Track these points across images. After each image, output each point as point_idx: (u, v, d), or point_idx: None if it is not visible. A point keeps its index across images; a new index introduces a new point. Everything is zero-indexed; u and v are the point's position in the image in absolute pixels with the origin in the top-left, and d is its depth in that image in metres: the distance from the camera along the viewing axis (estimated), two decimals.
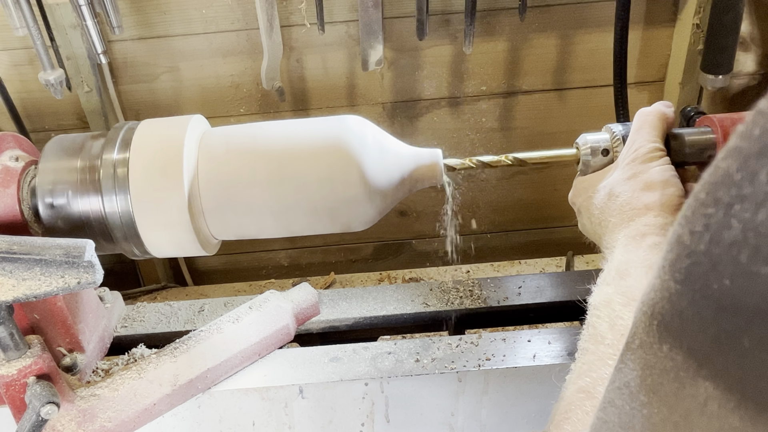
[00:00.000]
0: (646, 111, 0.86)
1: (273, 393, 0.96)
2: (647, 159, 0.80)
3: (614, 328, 0.66)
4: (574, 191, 0.90)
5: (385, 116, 1.52)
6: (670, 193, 0.77)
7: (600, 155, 0.88)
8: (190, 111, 1.28)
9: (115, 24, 1.27)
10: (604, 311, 0.68)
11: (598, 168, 0.88)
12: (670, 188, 0.77)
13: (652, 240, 0.73)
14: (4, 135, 0.88)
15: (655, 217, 0.75)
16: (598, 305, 0.70)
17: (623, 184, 0.80)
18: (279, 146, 0.87)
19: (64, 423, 0.84)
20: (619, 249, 0.74)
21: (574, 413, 0.61)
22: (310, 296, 1.05)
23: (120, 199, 0.85)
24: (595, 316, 0.69)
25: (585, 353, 0.67)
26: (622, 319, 0.66)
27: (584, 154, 0.88)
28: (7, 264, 0.72)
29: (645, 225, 0.74)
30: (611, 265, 0.73)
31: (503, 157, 0.91)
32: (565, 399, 0.64)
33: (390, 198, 0.88)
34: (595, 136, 0.89)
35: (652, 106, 0.86)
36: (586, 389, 0.62)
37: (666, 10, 1.42)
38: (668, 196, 0.77)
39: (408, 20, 1.40)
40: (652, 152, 0.80)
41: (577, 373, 0.66)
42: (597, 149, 0.88)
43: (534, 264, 1.58)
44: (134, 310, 1.10)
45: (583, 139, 0.89)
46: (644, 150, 0.81)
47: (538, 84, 1.50)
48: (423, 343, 1.00)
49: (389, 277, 1.60)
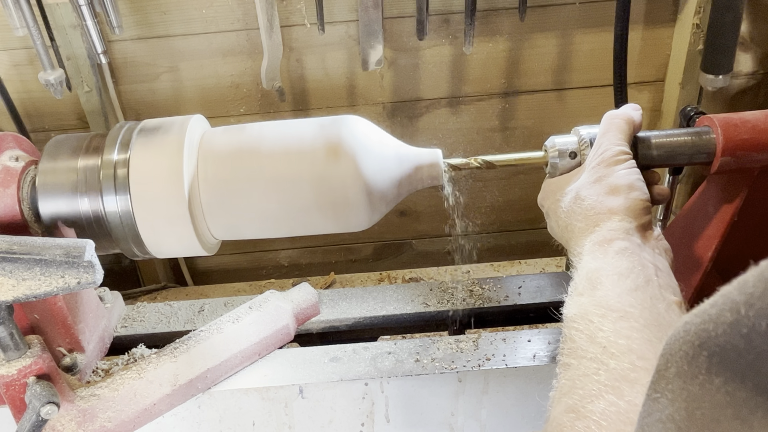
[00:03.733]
0: (612, 114, 0.85)
1: (273, 393, 0.96)
2: (613, 162, 0.80)
3: (594, 342, 0.65)
4: (542, 193, 0.90)
5: (385, 116, 1.52)
6: (634, 197, 0.77)
7: (567, 158, 0.88)
8: (190, 111, 1.28)
9: (115, 24, 1.27)
10: (582, 324, 0.68)
11: (566, 171, 0.88)
12: (635, 192, 0.77)
13: (618, 245, 0.72)
14: (4, 135, 0.88)
15: (620, 221, 0.75)
16: (575, 318, 0.69)
17: (589, 188, 0.80)
18: (279, 146, 0.87)
19: (64, 423, 0.84)
20: (586, 256, 0.74)
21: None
22: (310, 296, 1.05)
23: (120, 199, 0.85)
24: (573, 329, 0.68)
25: (567, 368, 0.66)
26: (601, 331, 0.66)
27: (552, 157, 0.88)
28: (7, 264, 0.72)
29: (610, 230, 0.74)
30: (581, 273, 0.73)
31: (472, 159, 0.91)
32: (554, 420, 0.63)
33: (390, 198, 0.88)
34: (563, 138, 0.89)
35: (620, 109, 0.86)
36: (574, 408, 0.61)
37: (666, 10, 1.42)
38: (632, 200, 0.77)
39: (408, 20, 1.40)
40: (618, 155, 0.80)
41: (562, 390, 0.65)
42: (564, 152, 0.88)
43: (534, 264, 1.58)
44: (134, 310, 1.11)
45: (551, 142, 0.89)
46: (610, 153, 0.81)
47: (538, 84, 1.50)
48: (423, 343, 1.00)
49: (389, 277, 1.60)
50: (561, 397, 0.64)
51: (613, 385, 0.61)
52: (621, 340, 0.64)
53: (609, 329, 0.66)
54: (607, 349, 0.64)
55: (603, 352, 0.64)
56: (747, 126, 0.87)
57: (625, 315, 0.66)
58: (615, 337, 0.65)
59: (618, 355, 0.63)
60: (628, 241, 0.73)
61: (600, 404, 0.60)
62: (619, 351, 0.64)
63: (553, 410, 0.65)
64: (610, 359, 0.63)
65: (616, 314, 0.67)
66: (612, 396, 0.60)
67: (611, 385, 0.61)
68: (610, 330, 0.66)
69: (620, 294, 0.68)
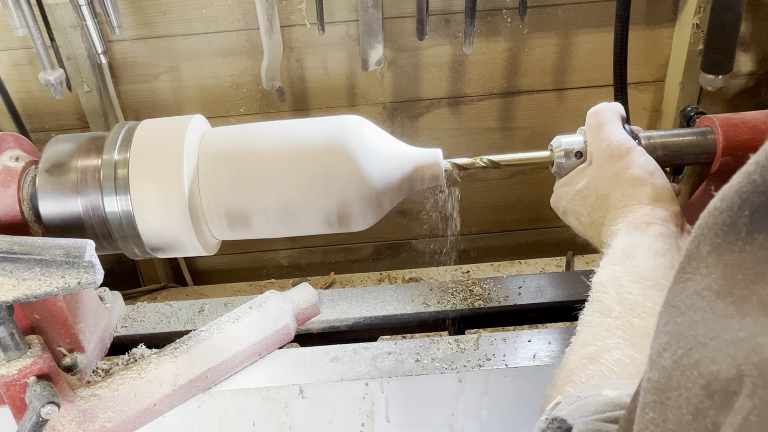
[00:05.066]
0: (598, 109, 0.86)
1: (273, 393, 0.96)
2: (623, 152, 0.80)
3: (622, 302, 0.66)
4: (555, 196, 0.90)
5: (385, 116, 1.52)
6: (659, 185, 0.77)
7: (573, 158, 0.88)
8: (190, 111, 1.28)
9: (115, 24, 1.27)
10: (611, 287, 0.69)
11: (572, 170, 0.88)
12: (658, 180, 0.78)
13: (656, 229, 0.73)
14: (4, 135, 0.88)
15: (653, 209, 0.75)
16: (605, 282, 0.70)
17: (608, 184, 0.80)
18: (279, 146, 0.87)
19: (65, 423, 0.84)
20: (622, 235, 0.74)
21: (577, 376, 0.61)
22: (310, 296, 1.05)
23: (120, 199, 0.85)
24: (601, 291, 0.69)
25: (588, 326, 0.67)
26: (630, 294, 0.66)
27: (558, 156, 0.88)
28: (8, 264, 0.72)
29: (645, 215, 0.75)
30: (615, 248, 0.73)
31: (478, 159, 0.91)
32: (567, 366, 0.64)
33: (390, 198, 0.88)
34: (569, 138, 0.89)
35: (600, 104, 0.87)
36: (590, 356, 0.62)
37: (666, 10, 1.42)
38: (659, 189, 0.77)
39: (408, 20, 1.40)
40: (624, 144, 0.80)
41: (580, 343, 0.65)
42: (570, 152, 0.88)
43: (534, 264, 1.58)
44: (134, 310, 1.11)
45: (557, 142, 0.89)
46: (615, 144, 0.81)
47: (538, 84, 1.50)
48: (423, 343, 1.00)
49: (389, 277, 1.60)
50: (578, 349, 0.65)
51: (633, 340, 0.62)
52: (649, 303, 0.65)
53: (638, 293, 0.66)
54: (634, 310, 0.65)
55: (629, 312, 0.65)
56: (747, 126, 0.87)
57: (656, 285, 0.67)
58: (643, 300, 0.65)
59: (644, 316, 0.64)
60: (665, 227, 0.73)
61: (616, 354, 0.61)
62: (646, 313, 0.64)
63: (567, 358, 0.66)
64: (634, 318, 0.64)
65: (647, 282, 0.67)
66: (630, 350, 0.61)
67: (631, 341, 0.62)
68: (639, 294, 0.66)
69: (654, 268, 0.69)
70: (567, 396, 0.57)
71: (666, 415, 0.31)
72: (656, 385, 0.32)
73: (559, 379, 0.63)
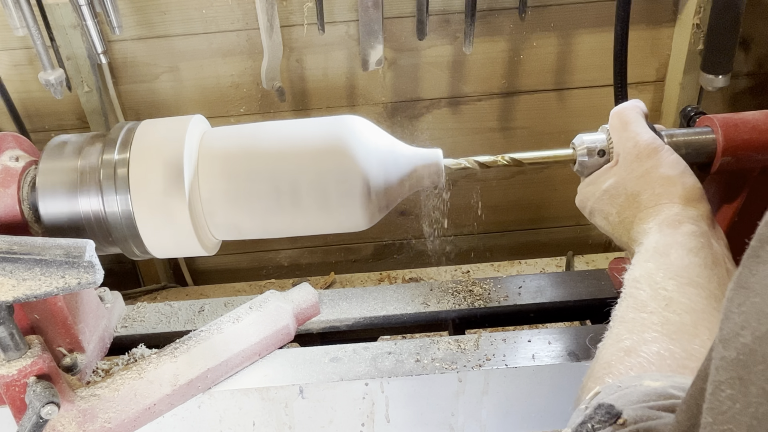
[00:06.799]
0: (622, 108, 0.86)
1: (273, 393, 0.96)
2: (652, 151, 0.80)
3: (657, 298, 0.66)
4: (580, 196, 0.89)
5: (385, 116, 1.52)
6: (690, 184, 0.77)
7: (596, 156, 0.88)
8: (190, 111, 1.28)
9: (115, 24, 1.27)
10: (645, 283, 0.68)
11: (595, 169, 0.88)
12: (688, 179, 0.77)
13: (689, 228, 0.72)
14: (4, 135, 0.88)
15: (684, 209, 0.75)
16: (639, 278, 0.70)
17: (637, 183, 0.80)
18: (279, 146, 0.87)
19: (65, 423, 0.84)
20: (654, 233, 0.74)
21: (615, 368, 0.61)
22: (310, 296, 1.05)
23: (120, 199, 0.85)
24: (635, 287, 0.69)
25: (623, 321, 0.67)
26: (665, 290, 0.66)
27: (580, 154, 0.88)
28: (7, 264, 0.72)
29: (677, 214, 0.75)
30: (647, 246, 0.73)
31: (500, 157, 0.91)
32: (603, 358, 0.64)
33: (390, 198, 0.88)
34: (591, 136, 0.89)
35: (623, 104, 0.87)
36: (627, 349, 0.62)
37: (666, 10, 1.42)
38: (690, 189, 0.77)
39: (408, 20, 1.40)
40: (652, 143, 0.80)
41: (615, 337, 0.65)
42: (593, 150, 0.88)
43: (534, 264, 1.58)
44: (134, 310, 1.11)
45: (580, 140, 0.89)
46: (643, 143, 0.81)
47: (538, 84, 1.50)
48: (423, 343, 1.00)
49: (389, 277, 1.60)
50: (613, 343, 0.65)
51: (671, 336, 0.62)
52: (684, 299, 0.65)
53: (673, 289, 0.66)
54: (669, 306, 0.65)
55: (665, 308, 0.65)
56: (747, 126, 0.87)
57: (691, 282, 0.67)
58: (678, 296, 0.65)
59: (679, 312, 0.64)
60: (697, 227, 0.73)
61: (654, 347, 0.61)
62: (681, 309, 0.64)
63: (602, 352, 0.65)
64: (670, 314, 0.64)
65: (682, 279, 0.67)
66: (668, 344, 0.61)
67: (669, 335, 0.62)
68: (674, 290, 0.66)
69: (688, 266, 0.69)
70: (607, 386, 0.57)
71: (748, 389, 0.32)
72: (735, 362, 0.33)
73: (596, 371, 0.63)
